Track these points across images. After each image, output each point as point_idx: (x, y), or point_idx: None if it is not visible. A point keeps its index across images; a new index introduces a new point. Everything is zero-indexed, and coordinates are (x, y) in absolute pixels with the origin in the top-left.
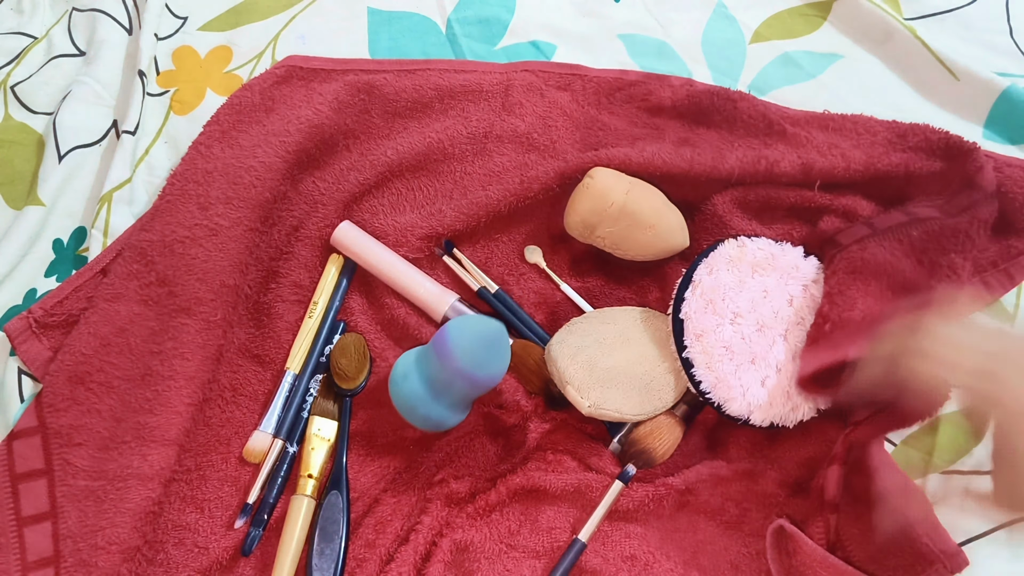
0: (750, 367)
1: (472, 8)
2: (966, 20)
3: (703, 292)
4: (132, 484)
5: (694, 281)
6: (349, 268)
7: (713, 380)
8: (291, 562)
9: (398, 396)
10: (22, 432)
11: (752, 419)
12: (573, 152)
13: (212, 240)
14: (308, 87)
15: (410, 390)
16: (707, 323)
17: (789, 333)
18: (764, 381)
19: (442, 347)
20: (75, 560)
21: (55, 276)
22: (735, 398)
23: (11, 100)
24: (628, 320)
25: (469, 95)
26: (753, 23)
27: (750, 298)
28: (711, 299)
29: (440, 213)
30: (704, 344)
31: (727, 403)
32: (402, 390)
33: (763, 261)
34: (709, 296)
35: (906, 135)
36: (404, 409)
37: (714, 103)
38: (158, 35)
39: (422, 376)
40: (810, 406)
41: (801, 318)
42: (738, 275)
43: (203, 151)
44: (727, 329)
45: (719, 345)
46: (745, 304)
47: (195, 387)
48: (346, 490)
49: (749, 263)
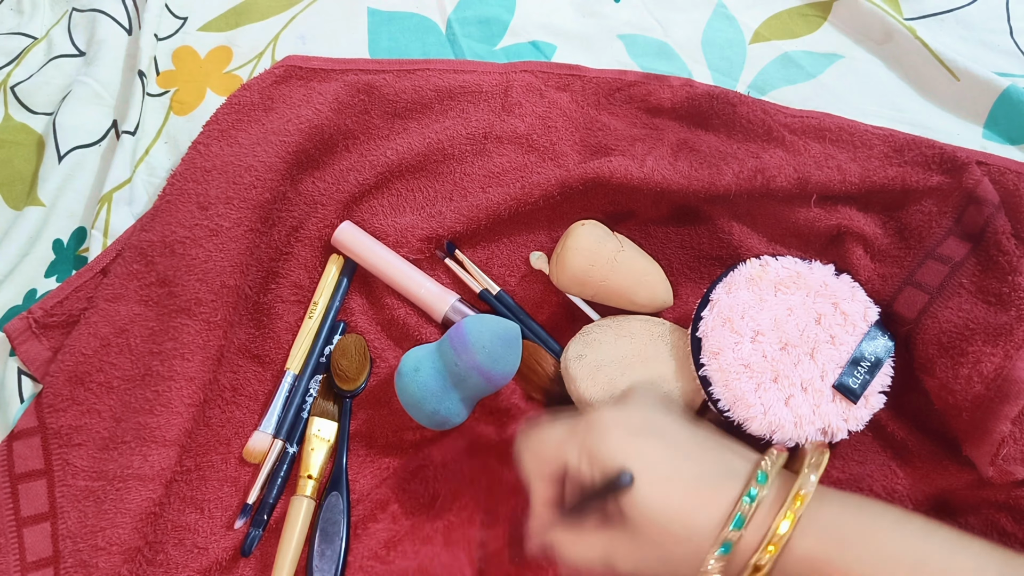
0: (772, 385)
1: (472, 8)
2: (966, 20)
3: (720, 311)
4: (132, 485)
5: (711, 300)
6: (349, 268)
7: (731, 398)
8: (291, 563)
9: (406, 390)
10: (22, 432)
11: (775, 439)
12: (575, 160)
13: (213, 240)
14: (308, 86)
15: (422, 383)
16: (725, 341)
17: (817, 352)
18: (788, 400)
19: (461, 341)
20: (75, 561)
21: (55, 276)
22: (755, 417)
23: (11, 100)
24: (647, 336)
25: (469, 96)
26: (753, 23)
27: (772, 316)
28: (729, 317)
29: (440, 214)
30: (721, 362)
31: (748, 422)
32: (412, 383)
33: (787, 279)
34: (727, 315)
35: (903, 149)
36: (411, 403)
37: (713, 107)
38: (158, 35)
39: (436, 370)
40: (840, 427)
41: (831, 336)
42: (758, 293)
43: (202, 151)
44: (746, 347)
45: (737, 363)
46: (767, 322)
47: (195, 387)
48: (346, 491)
49: (771, 282)
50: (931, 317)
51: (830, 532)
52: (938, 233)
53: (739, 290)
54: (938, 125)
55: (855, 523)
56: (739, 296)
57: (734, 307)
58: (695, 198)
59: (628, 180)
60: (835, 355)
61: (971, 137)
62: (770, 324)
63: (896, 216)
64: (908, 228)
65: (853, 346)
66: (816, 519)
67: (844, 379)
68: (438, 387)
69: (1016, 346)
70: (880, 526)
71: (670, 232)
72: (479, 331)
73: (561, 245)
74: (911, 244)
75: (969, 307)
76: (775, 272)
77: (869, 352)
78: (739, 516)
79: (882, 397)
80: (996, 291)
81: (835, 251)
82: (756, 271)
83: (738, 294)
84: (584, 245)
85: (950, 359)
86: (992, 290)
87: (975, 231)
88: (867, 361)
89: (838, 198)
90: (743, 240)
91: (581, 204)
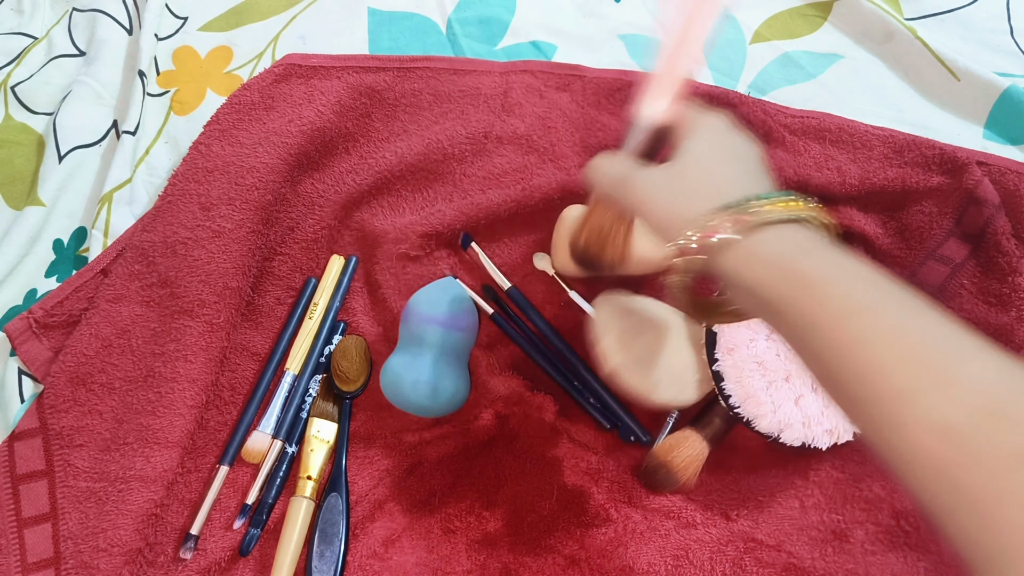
0: (783, 384)
1: (472, 8)
2: (966, 20)
3: None
4: (134, 486)
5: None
6: (350, 268)
7: (743, 395)
8: (290, 563)
9: (388, 384)
10: (23, 433)
11: (783, 437)
12: (575, 161)
13: (215, 242)
14: (308, 84)
15: (394, 368)
16: (740, 337)
17: None
18: (798, 400)
19: (404, 314)
20: (76, 562)
21: (55, 276)
22: (765, 415)
23: (11, 100)
24: (673, 319)
25: (468, 96)
26: (753, 23)
27: None
28: None
29: (440, 213)
30: (735, 358)
31: (757, 419)
32: (388, 373)
33: None
34: None
35: (903, 150)
36: (396, 392)
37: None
38: (158, 35)
39: (403, 358)
40: (846, 428)
41: None
42: None
43: (204, 151)
44: (761, 344)
45: (751, 360)
46: None
47: (198, 389)
48: (345, 492)
49: None
50: None
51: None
52: (939, 234)
53: None
54: (938, 125)
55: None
56: None
57: None
58: None
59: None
60: None
61: (971, 137)
62: None
63: (896, 216)
64: (908, 228)
65: None
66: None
67: None
68: (406, 361)
69: (1016, 347)
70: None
71: None
72: (414, 297)
73: (556, 233)
74: (912, 244)
75: (970, 307)
76: None
77: None
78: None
79: None
80: (996, 292)
81: None
82: None
83: None
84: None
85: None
86: (992, 291)
87: (975, 232)
88: None
89: (839, 198)
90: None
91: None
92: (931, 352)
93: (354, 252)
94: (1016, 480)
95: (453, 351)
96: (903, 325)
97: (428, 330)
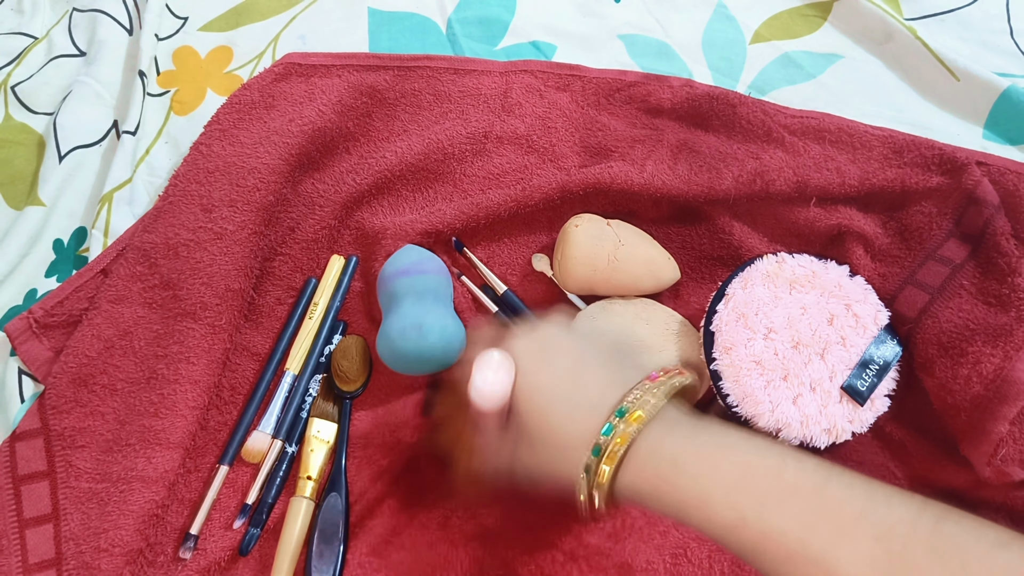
0: (781, 383)
1: (472, 8)
2: (966, 20)
3: (735, 306)
4: (136, 487)
5: (727, 295)
6: (350, 268)
7: (740, 394)
8: (290, 563)
9: (383, 348)
10: (25, 434)
11: (781, 436)
12: (575, 162)
13: (217, 244)
14: (308, 82)
15: (382, 331)
16: (738, 336)
17: (827, 352)
18: (796, 399)
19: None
20: (77, 563)
21: (55, 276)
22: (763, 413)
23: (11, 100)
24: (663, 324)
25: (469, 96)
26: (753, 23)
27: (786, 314)
28: (743, 313)
29: (440, 212)
30: (733, 357)
31: (755, 418)
32: (380, 340)
33: (803, 278)
34: (741, 310)
35: (902, 150)
36: (391, 350)
37: (713, 107)
38: (158, 35)
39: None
40: (845, 428)
41: (842, 337)
42: (774, 291)
43: (204, 151)
44: (759, 344)
45: (749, 359)
46: (780, 320)
47: (200, 391)
48: (345, 493)
49: (787, 279)
50: (931, 317)
51: (664, 454)
52: (938, 235)
53: (755, 286)
54: (938, 125)
55: (695, 446)
56: (755, 292)
57: (749, 303)
58: (695, 201)
59: (629, 187)
60: (845, 357)
61: (971, 137)
62: (783, 322)
63: (896, 217)
64: (908, 229)
65: (863, 348)
66: (655, 441)
67: (852, 381)
68: (394, 319)
69: (1015, 347)
70: (725, 446)
71: (670, 232)
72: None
73: (560, 252)
74: (911, 245)
75: (969, 308)
76: (791, 270)
77: (878, 356)
78: (608, 425)
79: (887, 400)
80: (996, 292)
81: (835, 251)
82: (773, 267)
83: (754, 290)
84: (582, 252)
85: (950, 359)
86: (992, 291)
87: (975, 232)
88: (876, 364)
89: (838, 199)
90: (743, 240)
91: (581, 205)
92: (809, 544)
93: (354, 252)
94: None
95: (428, 292)
96: (782, 527)
97: (398, 283)
